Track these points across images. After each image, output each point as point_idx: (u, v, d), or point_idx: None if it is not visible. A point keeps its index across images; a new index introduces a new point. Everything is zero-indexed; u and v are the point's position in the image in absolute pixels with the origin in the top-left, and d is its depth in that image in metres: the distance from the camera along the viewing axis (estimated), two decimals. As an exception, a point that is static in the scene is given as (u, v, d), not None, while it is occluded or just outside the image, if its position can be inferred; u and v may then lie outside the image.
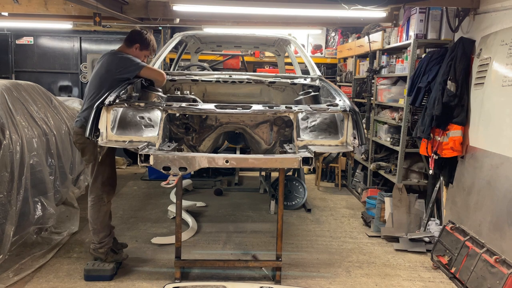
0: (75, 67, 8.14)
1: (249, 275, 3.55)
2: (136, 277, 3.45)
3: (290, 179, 5.53)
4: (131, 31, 3.58)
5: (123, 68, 3.33)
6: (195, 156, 2.68)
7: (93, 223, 3.44)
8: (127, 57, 3.42)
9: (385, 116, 5.23)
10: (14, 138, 3.72)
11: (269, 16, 5.82)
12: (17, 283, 3.26)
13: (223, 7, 4.94)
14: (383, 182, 5.45)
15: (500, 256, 3.18)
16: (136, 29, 3.60)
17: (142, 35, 3.54)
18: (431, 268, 3.81)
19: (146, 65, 3.45)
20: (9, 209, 3.50)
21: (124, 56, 3.42)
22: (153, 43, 3.61)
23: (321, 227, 4.79)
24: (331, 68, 7.81)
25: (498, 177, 3.40)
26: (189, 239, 4.25)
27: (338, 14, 5.14)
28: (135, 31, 3.58)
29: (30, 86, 4.73)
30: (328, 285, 3.45)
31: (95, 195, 3.42)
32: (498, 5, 3.70)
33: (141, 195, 5.83)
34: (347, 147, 2.93)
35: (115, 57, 3.41)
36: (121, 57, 3.40)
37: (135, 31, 3.58)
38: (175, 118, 3.57)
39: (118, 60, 3.37)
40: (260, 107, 3.02)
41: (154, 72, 3.54)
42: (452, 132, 3.96)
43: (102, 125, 2.81)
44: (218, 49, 6.37)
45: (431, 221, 4.37)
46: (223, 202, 5.59)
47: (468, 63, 3.94)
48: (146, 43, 3.55)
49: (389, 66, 5.24)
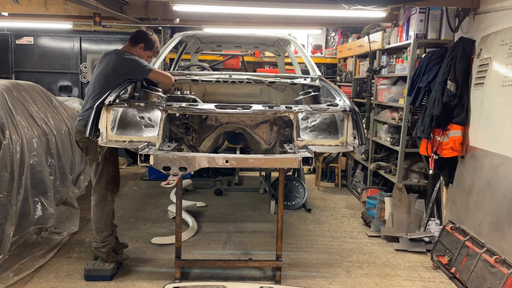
0: (75, 67, 8.14)
1: (249, 275, 3.55)
2: (136, 277, 3.45)
3: (290, 179, 5.53)
4: (137, 31, 3.62)
5: (131, 69, 3.36)
6: (195, 156, 2.68)
7: (96, 222, 3.44)
8: (135, 58, 3.44)
9: (385, 116, 5.23)
10: (14, 138, 3.72)
11: (269, 16, 5.82)
12: (17, 283, 3.26)
13: (223, 7, 4.94)
14: (383, 182, 5.45)
15: (500, 256, 3.18)
16: (142, 29, 3.63)
17: (148, 36, 3.57)
18: (431, 268, 3.81)
19: (154, 69, 3.50)
20: (9, 209, 3.50)
21: (131, 57, 3.44)
22: (157, 45, 3.66)
23: (321, 227, 4.79)
24: (331, 68, 7.81)
25: (498, 177, 3.40)
26: (189, 239, 4.25)
27: (338, 14, 5.14)
28: (141, 31, 3.61)
29: (30, 86, 4.73)
30: (328, 285, 3.45)
31: (99, 193, 3.41)
32: (498, 5, 3.70)
33: (141, 195, 5.83)
34: (347, 147, 2.93)
35: (121, 58, 3.42)
36: (128, 59, 3.42)
37: (140, 31, 3.61)
38: (175, 118, 3.57)
39: (125, 62, 3.39)
40: (260, 107, 3.02)
41: (163, 75, 3.60)
42: (452, 132, 3.96)
43: (102, 125, 2.81)
44: (218, 49, 6.37)
45: (431, 221, 4.37)
46: (223, 202, 5.59)
47: (468, 63, 3.94)
48: (150, 43, 3.58)
49: (389, 66, 5.24)
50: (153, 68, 3.50)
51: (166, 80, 3.63)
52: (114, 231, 3.58)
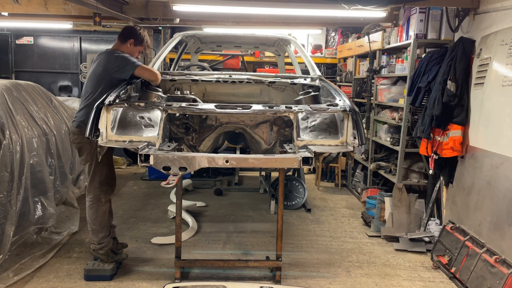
0: (75, 67, 8.15)
1: (249, 275, 3.55)
2: (136, 277, 3.45)
3: (290, 179, 5.53)
4: (125, 27, 3.58)
5: (120, 67, 3.32)
6: (195, 156, 2.68)
7: (91, 224, 3.43)
8: (124, 56, 3.41)
9: (385, 116, 5.23)
10: (14, 138, 3.72)
11: (269, 16, 5.82)
12: (17, 283, 3.26)
13: (223, 7, 4.94)
14: (383, 182, 5.45)
15: (500, 256, 3.18)
16: (130, 25, 3.59)
17: (136, 31, 3.53)
18: (431, 268, 3.81)
19: (141, 65, 3.42)
20: (9, 209, 3.50)
21: (121, 55, 3.41)
22: (147, 39, 3.61)
23: (321, 227, 4.79)
24: (331, 68, 7.81)
25: (498, 177, 3.40)
26: (189, 239, 4.25)
27: (338, 14, 5.14)
28: (129, 27, 3.58)
29: (30, 86, 4.73)
30: (328, 285, 3.45)
31: (93, 195, 3.40)
32: (498, 5, 3.70)
33: (141, 195, 5.83)
34: (347, 147, 2.93)
35: (111, 56, 3.39)
36: (118, 56, 3.38)
37: (128, 27, 3.58)
38: (175, 118, 3.57)
39: (115, 59, 3.35)
40: (260, 107, 3.02)
41: (148, 72, 3.47)
42: (452, 132, 3.96)
43: (102, 125, 2.81)
44: (218, 49, 6.37)
45: (431, 221, 4.37)
46: (223, 202, 5.59)
47: (468, 63, 3.94)
48: (140, 38, 3.54)
49: (389, 66, 5.24)
50: (139, 64, 3.40)
51: (151, 77, 3.49)
52: (112, 232, 3.57)
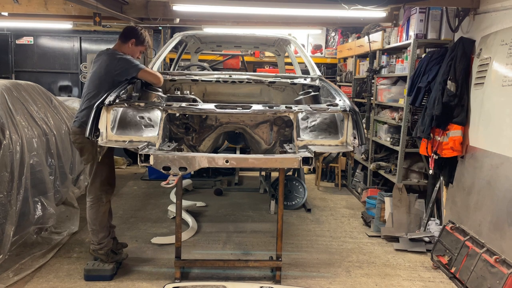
0: (75, 67, 8.15)
1: (249, 275, 3.55)
2: (136, 277, 3.45)
3: (290, 179, 5.53)
4: (126, 28, 3.59)
5: (122, 69, 3.32)
6: (195, 156, 2.69)
7: (91, 224, 3.43)
8: (126, 58, 3.40)
9: (385, 116, 5.23)
10: (14, 138, 3.72)
11: (269, 16, 5.82)
12: (17, 283, 3.26)
13: (223, 7, 4.93)
14: (383, 182, 5.45)
15: (500, 256, 3.18)
16: (131, 25, 3.59)
17: (137, 31, 3.54)
18: (431, 268, 3.81)
19: (144, 68, 3.44)
20: (9, 209, 3.50)
21: (123, 57, 3.40)
22: (148, 39, 3.61)
23: (321, 227, 4.79)
24: (331, 68, 7.81)
25: (498, 177, 3.40)
26: (189, 239, 4.25)
27: (338, 14, 5.13)
28: (130, 27, 3.59)
29: (30, 86, 4.73)
30: (328, 285, 3.45)
31: (94, 195, 3.40)
32: (498, 5, 3.70)
33: (141, 195, 5.83)
34: (347, 147, 2.93)
35: (113, 57, 3.38)
36: (120, 58, 3.38)
37: (129, 27, 3.59)
38: (175, 118, 3.57)
39: (117, 61, 3.35)
40: (260, 107, 3.02)
41: (151, 75, 3.50)
42: (452, 132, 3.96)
43: (102, 125, 2.81)
44: (218, 49, 6.37)
45: (431, 221, 4.37)
46: (223, 202, 5.59)
47: (468, 63, 3.94)
48: (141, 38, 3.55)
49: (389, 66, 5.24)
50: (143, 67, 3.42)
51: (154, 80, 3.52)
52: (112, 232, 3.57)
